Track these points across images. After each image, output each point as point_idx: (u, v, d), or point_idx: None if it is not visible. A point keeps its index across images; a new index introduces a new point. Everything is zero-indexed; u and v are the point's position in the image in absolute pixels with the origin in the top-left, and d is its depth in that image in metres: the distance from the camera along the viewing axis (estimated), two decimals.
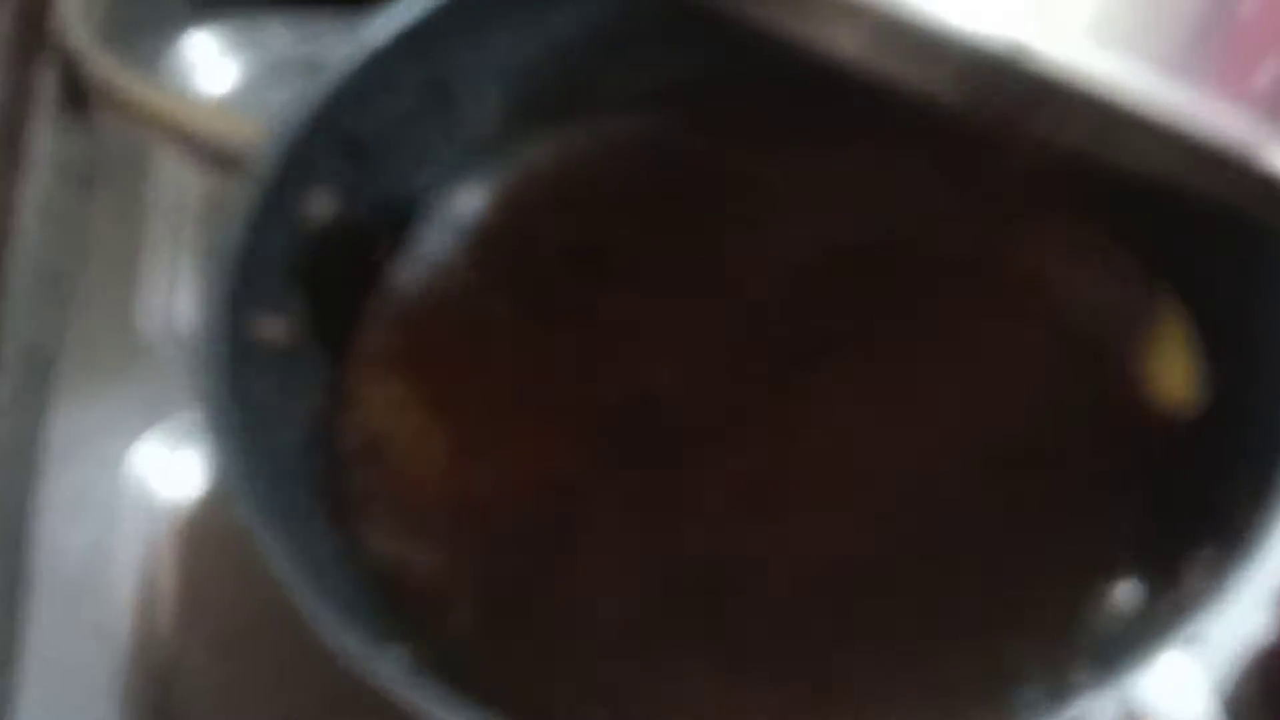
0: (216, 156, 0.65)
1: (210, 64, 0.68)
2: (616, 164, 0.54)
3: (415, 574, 0.45)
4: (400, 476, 0.47)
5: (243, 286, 0.43)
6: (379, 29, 0.47)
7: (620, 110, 0.54)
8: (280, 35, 0.68)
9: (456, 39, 0.49)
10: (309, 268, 0.48)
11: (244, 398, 0.42)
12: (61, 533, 0.52)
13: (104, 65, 0.66)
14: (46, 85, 0.69)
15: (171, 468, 0.54)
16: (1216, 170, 0.24)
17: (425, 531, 0.46)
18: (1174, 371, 0.45)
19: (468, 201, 0.54)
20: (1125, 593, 0.41)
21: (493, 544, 0.45)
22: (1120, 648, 0.37)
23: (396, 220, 0.52)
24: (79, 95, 0.70)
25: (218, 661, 0.50)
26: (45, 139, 0.68)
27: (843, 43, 0.27)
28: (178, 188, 0.64)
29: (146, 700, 0.49)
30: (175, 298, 0.60)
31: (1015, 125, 0.27)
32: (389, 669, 0.36)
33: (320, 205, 0.48)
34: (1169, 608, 0.38)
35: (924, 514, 0.44)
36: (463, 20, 0.49)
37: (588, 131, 0.54)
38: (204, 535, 0.53)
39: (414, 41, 0.47)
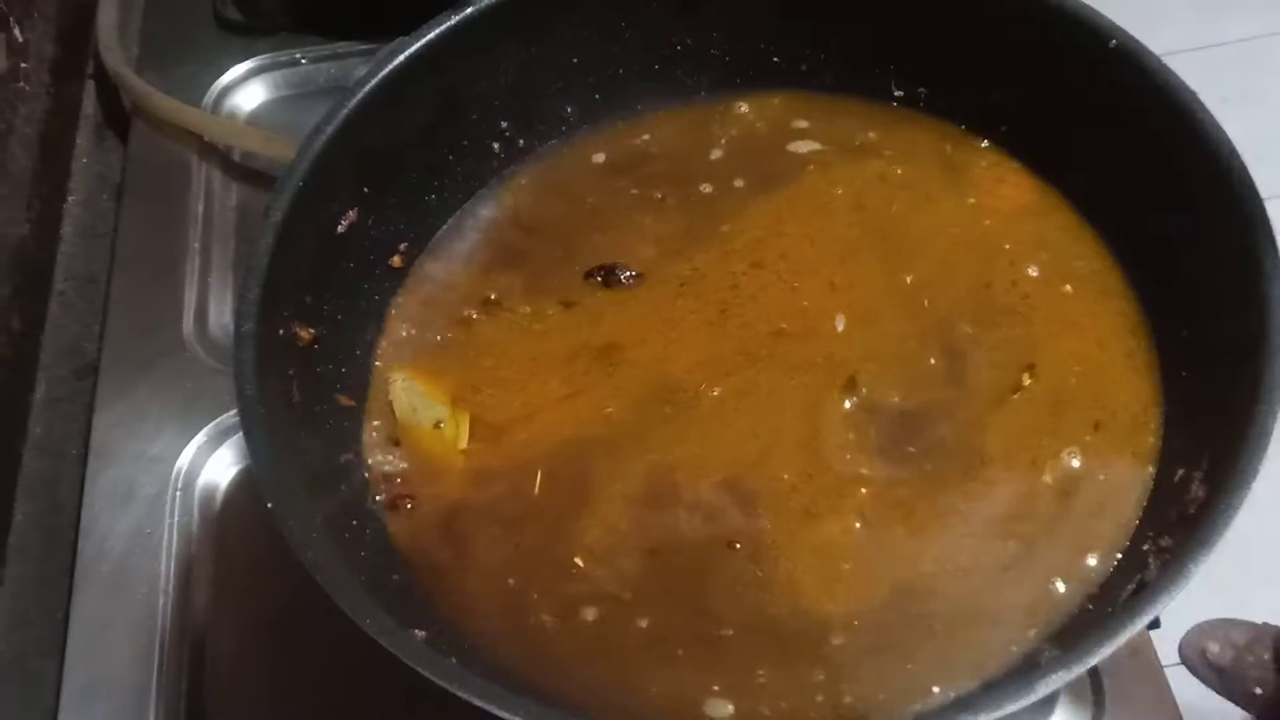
0: (247, 171, 0.68)
1: (241, 84, 0.71)
2: (618, 169, 0.56)
3: (434, 558, 0.46)
4: (421, 465, 0.49)
5: (273, 291, 0.44)
6: (396, 51, 0.49)
7: (620, 119, 0.57)
8: (305, 57, 0.71)
9: (466, 58, 0.52)
10: (335, 273, 0.50)
11: (274, 396, 0.44)
12: (104, 524, 0.55)
13: (142, 86, 0.69)
14: (87, 103, 0.73)
15: (207, 463, 0.57)
16: None
17: (442, 517, 0.47)
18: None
19: (480, 208, 0.56)
20: (1093, 579, 0.42)
21: (505, 526, 0.47)
22: (1087, 631, 0.38)
23: (415, 227, 0.54)
24: (117, 113, 0.73)
25: (248, 645, 0.52)
26: (85, 154, 0.71)
27: None
28: (211, 200, 0.66)
29: (180, 681, 0.51)
30: (209, 303, 0.63)
31: None
32: (412, 648, 0.37)
33: (345, 214, 0.50)
34: (1133, 594, 0.39)
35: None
36: (471, 41, 0.51)
37: (590, 141, 0.57)
38: (237, 527, 0.55)
39: (428, 63, 0.50)
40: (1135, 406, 0.46)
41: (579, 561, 0.45)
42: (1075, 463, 0.45)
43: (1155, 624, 0.44)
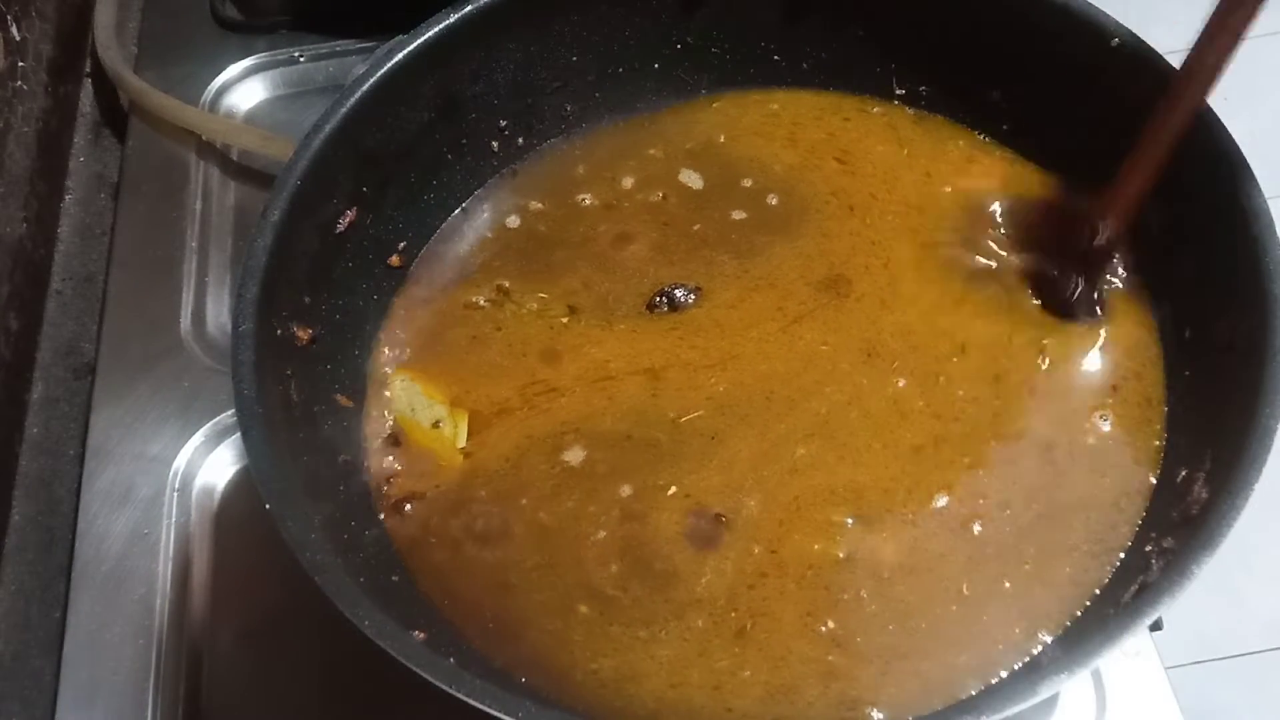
0: (246, 170, 0.68)
1: (239, 83, 0.71)
2: (618, 168, 0.56)
3: (433, 558, 0.46)
4: (421, 464, 0.49)
5: (271, 291, 0.44)
6: (394, 50, 0.49)
7: (620, 118, 0.57)
8: (304, 56, 0.71)
9: (466, 56, 0.52)
10: (333, 272, 0.50)
11: (272, 396, 0.44)
12: (102, 524, 0.54)
13: (139, 84, 0.69)
14: (84, 102, 0.73)
15: (205, 464, 0.57)
16: None
17: (442, 517, 0.47)
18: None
19: (479, 207, 0.56)
20: (1094, 581, 0.42)
21: (504, 524, 0.47)
22: (1089, 632, 0.38)
23: (414, 226, 0.54)
24: (115, 112, 0.73)
25: (246, 646, 0.52)
26: (83, 152, 0.71)
27: None
28: (209, 199, 0.66)
29: (178, 682, 0.51)
30: (207, 302, 0.62)
31: None
32: (410, 649, 0.37)
33: (343, 214, 0.50)
34: (1135, 595, 0.39)
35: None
36: (471, 40, 0.51)
37: (590, 139, 0.57)
38: (235, 528, 0.55)
39: (427, 61, 0.50)
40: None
41: (578, 559, 0.45)
42: (1106, 426, 0.45)
43: (1157, 625, 0.43)
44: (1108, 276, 0.48)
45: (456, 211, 0.56)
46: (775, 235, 0.53)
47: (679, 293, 0.52)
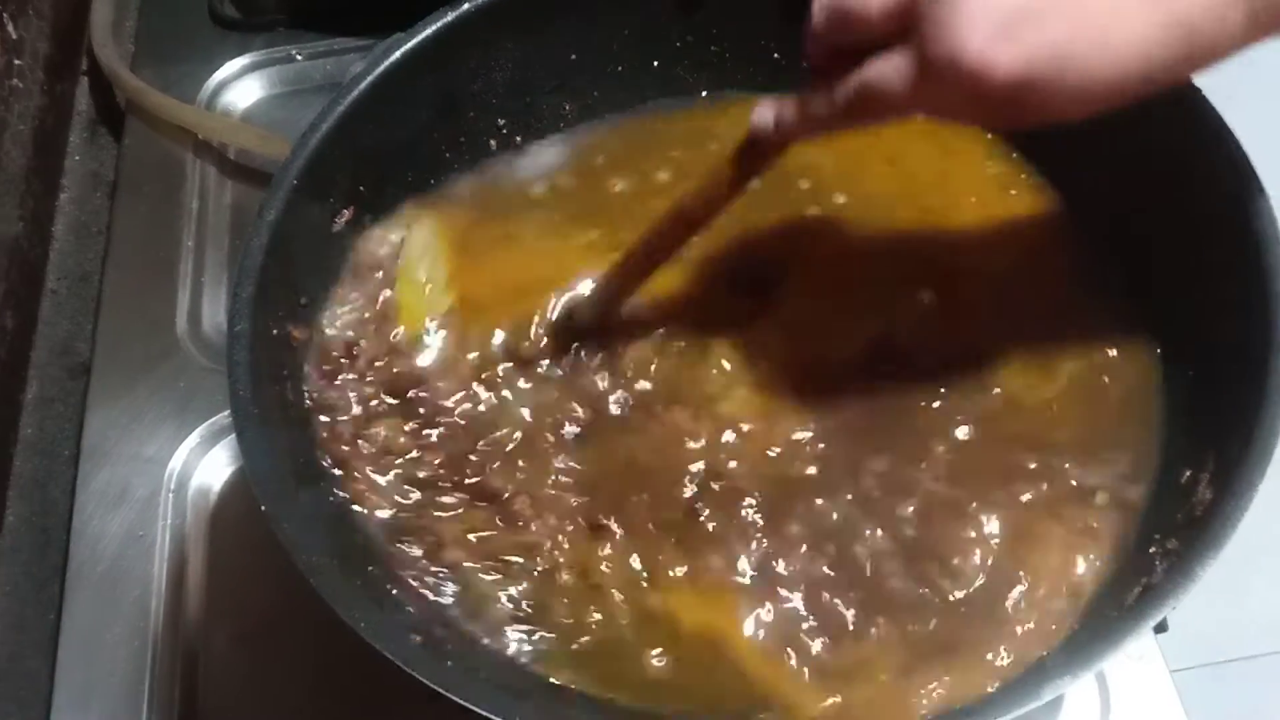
0: (243, 168, 0.68)
1: (236, 81, 0.71)
2: (615, 167, 0.55)
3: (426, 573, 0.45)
4: (380, 315, 0.48)
5: (267, 291, 0.44)
6: (392, 48, 0.49)
7: (619, 117, 0.56)
8: (301, 54, 0.71)
9: (463, 55, 0.51)
10: (329, 271, 0.49)
11: (268, 397, 0.43)
12: (97, 525, 0.54)
13: (136, 83, 0.68)
14: (80, 100, 0.72)
15: (201, 465, 0.56)
16: None
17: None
18: None
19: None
20: (1098, 581, 0.42)
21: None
22: (1093, 635, 0.37)
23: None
24: (111, 110, 0.73)
25: (241, 648, 0.52)
26: (79, 151, 0.71)
27: None
28: (206, 198, 0.66)
29: (174, 683, 0.51)
30: (204, 302, 0.62)
31: None
32: (407, 651, 0.37)
33: (340, 213, 0.49)
34: (1139, 596, 0.38)
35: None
36: (469, 38, 0.51)
37: (589, 139, 0.56)
38: (231, 529, 0.55)
39: (424, 60, 0.49)
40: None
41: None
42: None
43: (1162, 627, 0.43)
44: None
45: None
46: (870, 228, 0.50)
47: (760, 266, 0.50)
